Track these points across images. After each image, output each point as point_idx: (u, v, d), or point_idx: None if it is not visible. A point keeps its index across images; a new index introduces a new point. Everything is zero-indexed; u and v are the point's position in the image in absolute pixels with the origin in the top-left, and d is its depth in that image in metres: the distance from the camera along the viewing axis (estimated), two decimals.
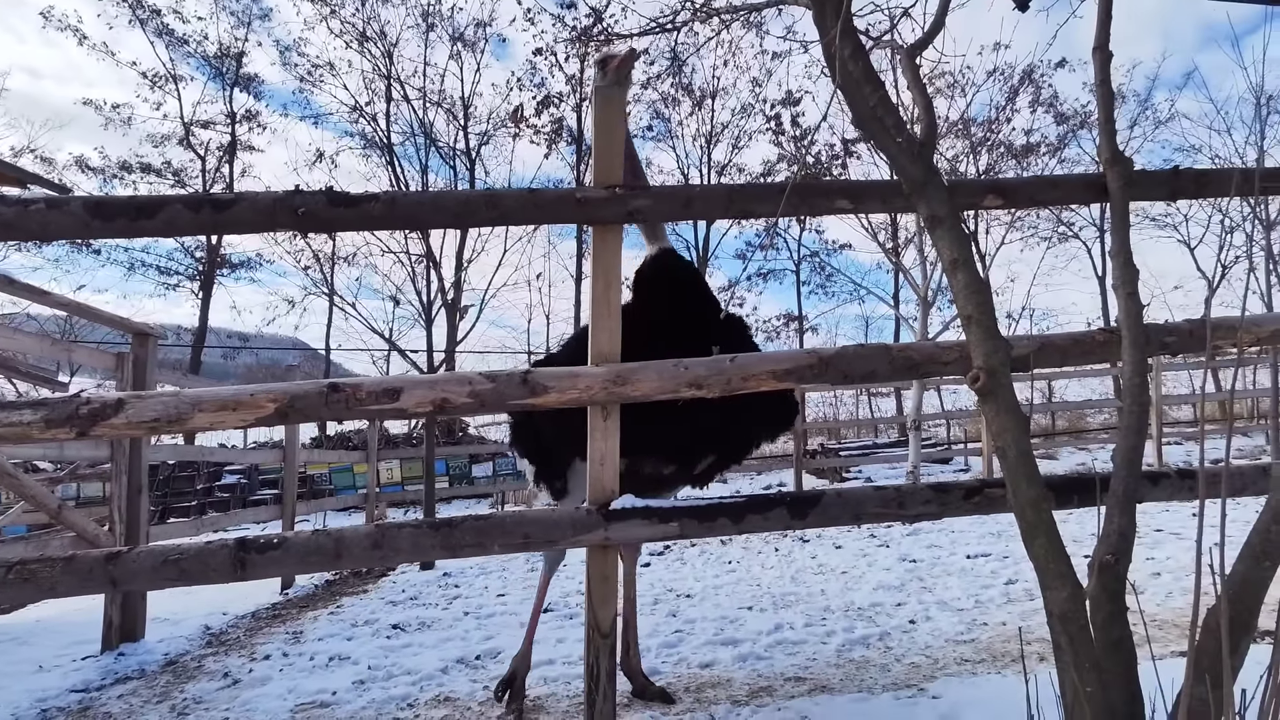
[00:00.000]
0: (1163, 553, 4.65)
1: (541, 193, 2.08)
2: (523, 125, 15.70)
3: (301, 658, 3.62)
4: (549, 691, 2.91)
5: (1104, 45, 2.17)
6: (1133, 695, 1.63)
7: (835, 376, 2.09)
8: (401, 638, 3.88)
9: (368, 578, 6.48)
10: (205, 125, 18.40)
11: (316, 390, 1.95)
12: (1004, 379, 1.60)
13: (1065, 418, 15.87)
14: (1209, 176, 2.28)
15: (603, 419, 2.08)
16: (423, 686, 3.03)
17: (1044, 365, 2.26)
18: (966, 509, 2.14)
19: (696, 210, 2.10)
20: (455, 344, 15.07)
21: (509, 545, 1.99)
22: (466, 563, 6.58)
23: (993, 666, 2.84)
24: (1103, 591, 1.64)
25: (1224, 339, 2.26)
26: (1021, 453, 1.60)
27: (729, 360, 2.06)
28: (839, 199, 2.14)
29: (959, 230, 1.63)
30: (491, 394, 1.99)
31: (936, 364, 2.11)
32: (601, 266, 2.13)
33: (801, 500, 2.08)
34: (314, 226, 2.00)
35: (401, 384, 1.98)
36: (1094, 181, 2.22)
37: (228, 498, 11.44)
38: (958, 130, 13.16)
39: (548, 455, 2.68)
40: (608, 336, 2.11)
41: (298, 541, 1.92)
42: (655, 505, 2.04)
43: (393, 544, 1.93)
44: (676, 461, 2.56)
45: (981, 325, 1.61)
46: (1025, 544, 1.61)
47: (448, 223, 2.02)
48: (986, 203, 2.21)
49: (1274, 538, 1.49)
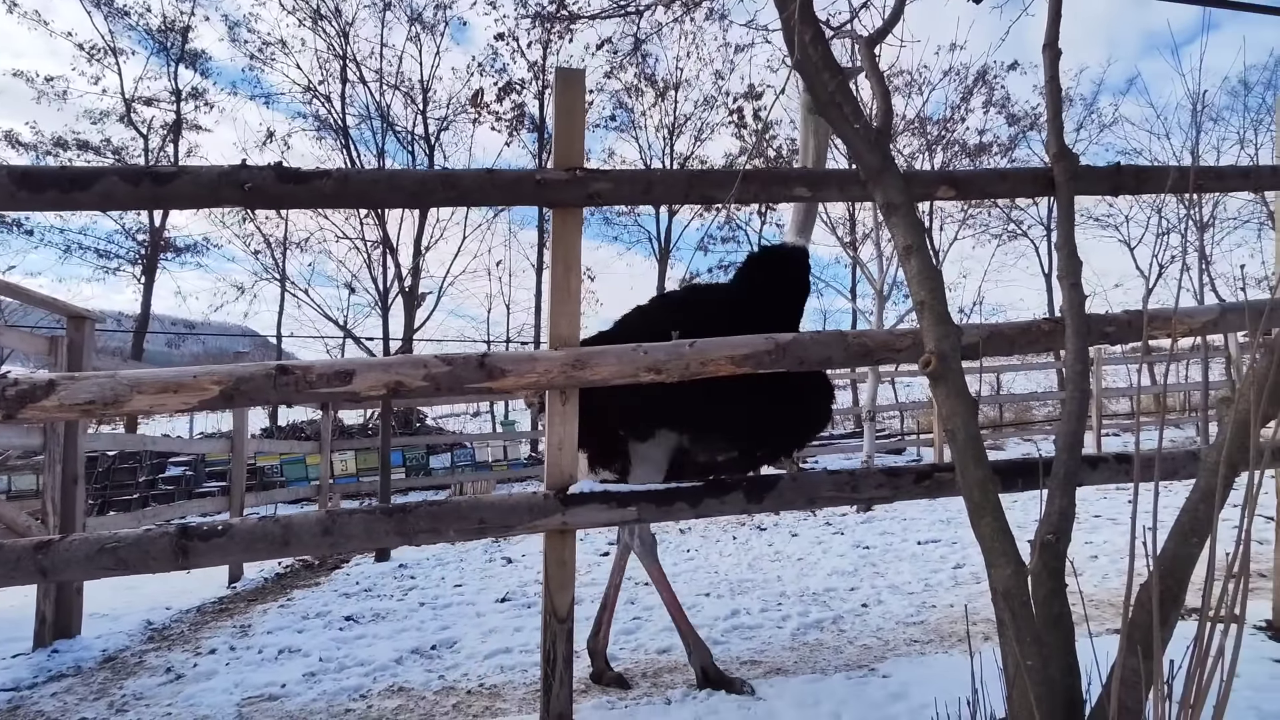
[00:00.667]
0: (1100, 537, 4.85)
1: (500, 173, 2.05)
2: (483, 111, 15.45)
3: (249, 651, 3.52)
4: (506, 679, 2.89)
5: (1053, 43, 2.23)
6: (1070, 667, 1.70)
7: (792, 362, 2.11)
8: (355, 629, 3.81)
9: (320, 570, 6.34)
10: (148, 102, 17.59)
11: (264, 372, 1.89)
12: (954, 363, 1.64)
13: (1012, 410, 16.42)
14: (1148, 173, 2.37)
15: (561, 403, 2.06)
16: (376, 677, 2.98)
17: (993, 353, 2.33)
18: (917, 492, 2.19)
19: (657, 195, 2.10)
20: (413, 332, 14.81)
21: (465, 531, 1.96)
22: (423, 553, 6.49)
23: (940, 646, 2.93)
24: (1044, 569, 1.71)
25: (1159, 329, 2.36)
26: (970, 436, 1.64)
27: (688, 345, 2.06)
28: (797, 186, 2.16)
29: (914, 217, 1.66)
30: (447, 377, 1.95)
31: (890, 351, 2.15)
32: (561, 250, 2.11)
33: (758, 484, 2.10)
34: (261, 203, 1.93)
35: (354, 366, 1.93)
36: (1041, 175, 2.29)
37: (172, 490, 11.03)
38: (914, 128, 13.44)
39: (608, 436, 2.53)
40: (567, 321, 2.09)
41: (243, 528, 1.86)
42: (614, 490, 2.04)
43: (344, 530, 1.89)
44: (737, 446, 2.54)
45: (934, 310, 1.65)
46: (972, 523, 1.66)
47: (403, 202, 1.98)
48: (940, 193, 2.26)
49: (1201, 517, 1.57)
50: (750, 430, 2.46)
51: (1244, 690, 2.11)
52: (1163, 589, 1.57)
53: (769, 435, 2.53)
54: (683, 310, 2.63)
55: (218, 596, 5.20)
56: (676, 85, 16.86)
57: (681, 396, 2.15)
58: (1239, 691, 2.12)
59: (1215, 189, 2.45)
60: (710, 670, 2.56)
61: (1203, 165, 2.44)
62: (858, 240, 14.60)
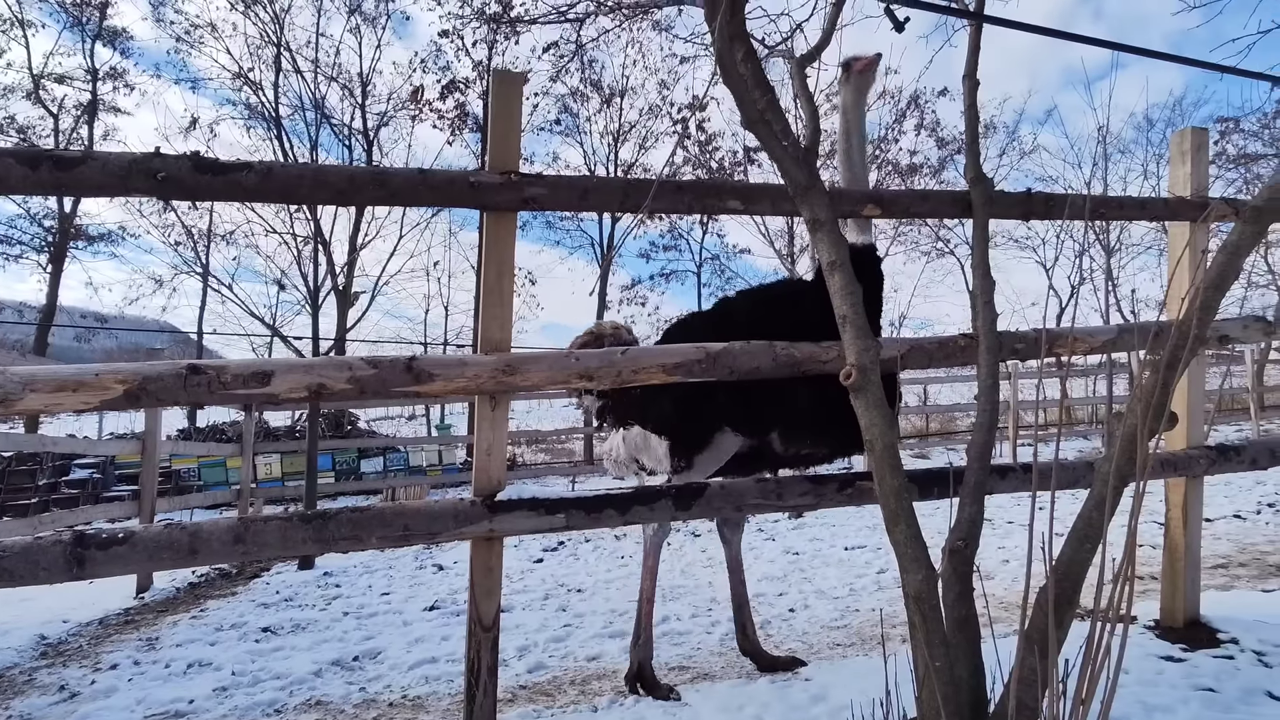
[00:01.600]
0: (1013, 542, 5.11)
1: (434, 174, 2.01)
2: (425, 108, 15.12)
3: (155, 666, 3.33)
4: (431, 690, 2.82)
5: (972, 74, 2.36)
6: (976, 668, 1.78)
7: (722, 371, 2.15)
8: (272, 641, 3.65)
9: (238, 579, 6.05)
10: (60, 80, 16.47)
11: (174, 372, 1.79)
12: (873, 376, 1.71)
13: (938, 420, 17.10)
14: (1056, 200, 2.52)
15: (490, 409, 2.04)
16: (292, 691, 2.86)
17: (914, 366, 2.43)
18: (840, 500, 2.26)
19: (592, 202, 2.10)
20: (345, 331, 14.33)
21: (388, 539, 1.91)
22: (350, 560, 6.27)
23: (861, 649, 3.03)
24: (953, 573, 1.79)
25: (1062, 347, 2.52)
26: (887, 446, 1.71)
27: (620, 353, 2.08)
28: (730, 199, 2.20)
29: (838, 234, 1.72)
30: (373, 380, 1.90)
31: (817, 363, 2.21)
32: (495, 254, 2.09)
33: (686, 492, 2.13)
34: (176, 194, 1.84)
35: (273, 367, 1.86)
36: (960, 198, 2.41)
37: (77, 494, 10.31)
38: None
39: (688, 428, 2.55)
40: (499, 326, 2.07)
41: (147, 536, 1.76)
42: (542, 496, 2.02)
43: (258, 539, 1.81)
44: (819, 446, 2.57)
45: (855, 325, 1.71)
46: (888, 530, 1.73)
47: (331, 199, 1.92)
48: (866, 211, 2.35)
49: (1094, 523, 1.67)
50: (810, 424, 2.50)
51: (1132, 686, 2.25)
52: (1058, 592, 1.66)
53: (830, 427, 2.52)
54: (766, 305, 2.64)
55: (123, 608, 4.90)
56: (622, 93, 16.92)
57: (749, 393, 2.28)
58: (1128, 688, 2.27)
59: (1116, 217, 2.63)
60: (645, 670, 2.57)
61: (1105, 195, 2.61)
62: (795, 253, 15.00)
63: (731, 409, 2.46)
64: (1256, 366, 14.67)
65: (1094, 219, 2.60)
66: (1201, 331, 1.65)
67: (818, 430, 2.50)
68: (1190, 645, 2.57)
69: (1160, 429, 1.70)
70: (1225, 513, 5.76)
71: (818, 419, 2.43)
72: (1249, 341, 2.88)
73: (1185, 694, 2.19)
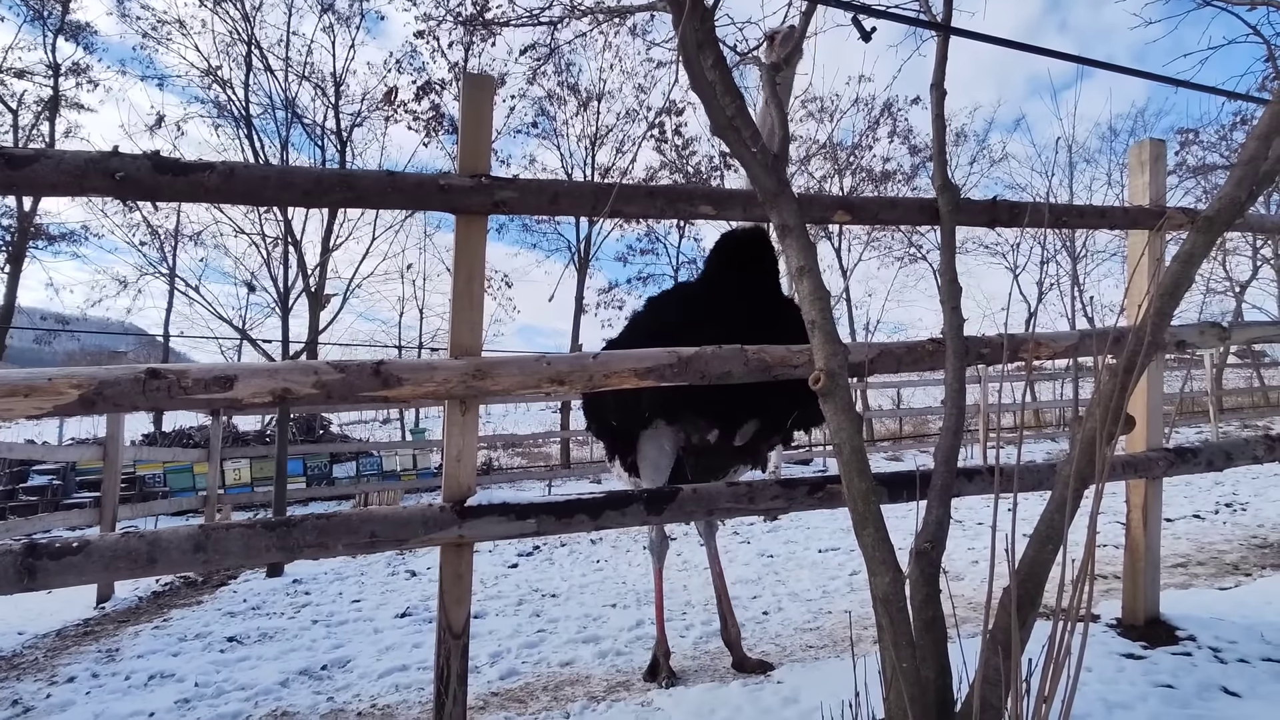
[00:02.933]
0: (982, 543, 5.19)
1: (402, 176, 1.99)
2: (399, 109, 14.96)
3: (115, 678, 3.23)
4: (401, 699, 2.78)
5: (939, 84, 2.40)
6: (943, 668, 1.80)
7: (694, 375, 2.15)
8: (238, 650, 3.57)
9: (204, 587, 5.91)
10: (20, 75, 16.00)
11: (131, 376, 1.75)
12: (841, 380, 1.72)
13: (911, 423, 17.34)
14: (1020, 208, 2.57)
15: (461, 413, 2.02)
16: (258, 702, 2.80)
17: (882, 370, 2.45)
18: (810, 503, 2.28)
19: (563, 206, 2.10)
20: (317, 334, 14.10)
21: (354, 545, 1.88)
22: (320, 567, 6.17)
23: (833, 651, 3.05)
24: (920, 575, 1.81)
25: (1026, 352, 2.57)
26: (854, 449, 1.73)
27: (591, 357, 2.07)
28: (702, 204, 2.21)
29: (806, 239, 1.74)
30: (340, 385, 1.87)
31: (788, 367, 2.23)
32: (465, 258, 2.07)
33: (658, 497, 2.13)
34: (135, 194, 1.79)
35: (236, 371, 1.83)
36: (927, 205, 2.44)
37: (36, 501, 10.02)
38: (825, 152, 14.05)
39: (617, 429, 2.85)
40: (469, 330, 2.05)
41: (103, 545, 1.71)
42: (512, 502, 2.01)
43: (220, 546, 1.77)
44: (718, 426, 2.78)
45: (823, 330, 1.72)
46: (856, 533, 1.74)
47: (296, 201, 1.89)
48: (836, 217, 2.37)
49: (1055, 524, 1.71)
50: (726, 414, 2.73)
51: (1094, 684, 2.30)
52: (1021, 593, 1.69)
53: (746, 417, 2.76)
54: (661, 310, 2.85)
55: (83, 619, 4.76)
56: (599, 96, 16.93)
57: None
58: (1090, 685, 2.32)
59: (1077, 225, 2.69)
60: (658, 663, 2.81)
61: (1067, 204, 2.68)
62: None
63: (654, 402, 2.60)
64: (1215, 371, 15.11)
65: (1056, 227, 2.66)
66: (1157, 337, 1.69)
67: (707, 414, 2.72)
68: (1150, 643, 2.63)
69: (1119, 432, 1.74)
70: (1185, 513, 5.91)
71: (700, 401, 2.60)
72: (1205, 347, 2.97)
73: (1144, 690, 2.25)
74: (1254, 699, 2.17)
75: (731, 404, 2.63)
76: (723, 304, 2.60)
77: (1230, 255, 19.07)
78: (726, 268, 2.69)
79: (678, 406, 2.64)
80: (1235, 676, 2.33)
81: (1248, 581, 3.60)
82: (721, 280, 2.68)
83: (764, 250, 2.69)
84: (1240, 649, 2.53)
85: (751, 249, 2.67)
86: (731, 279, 2.65)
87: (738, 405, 2.66)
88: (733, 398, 2.53)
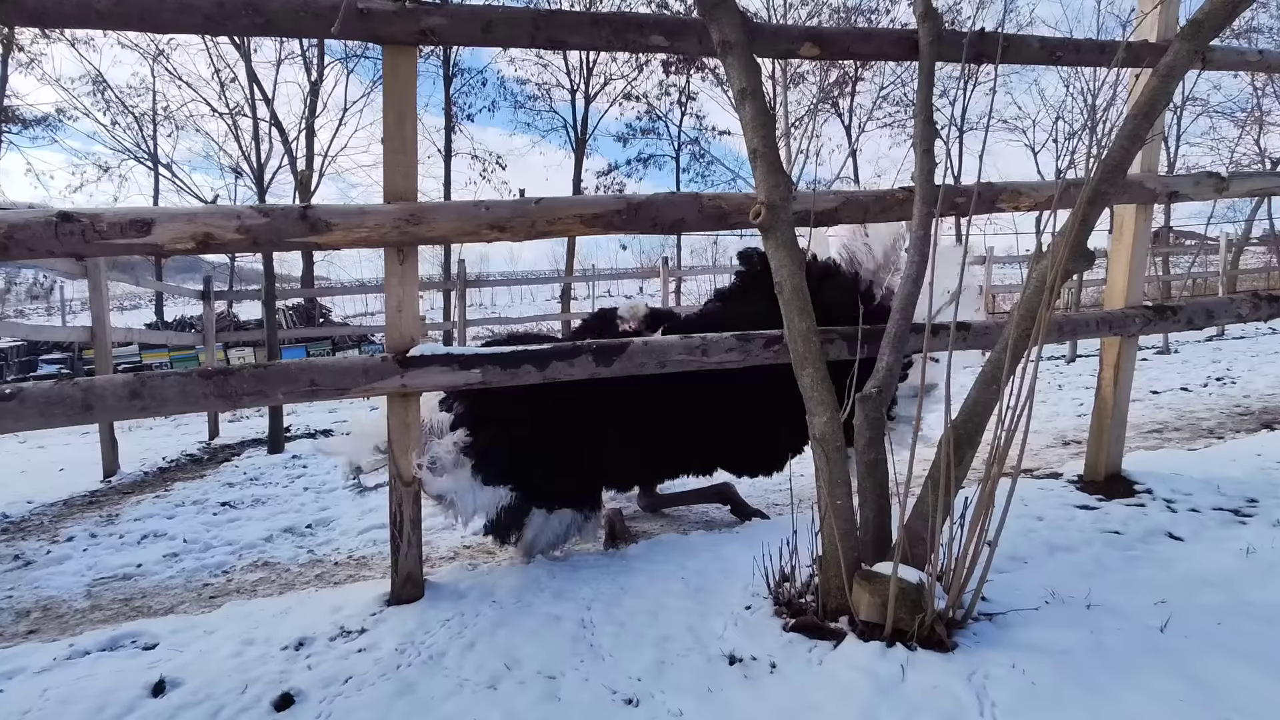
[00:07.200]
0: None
1: (316, 0, 1.81)
2: None
3: (111, 537, 3.38)
4: (377, 551, 2.90)
5: None
6: (882, 509, 1.82)
7: (644, 224, 2.06)
8: (229, 513, 3.72)
9: (208, 463, 6.12)
10: None
11: (43, 220, 1.67)
12: (784, 214, 1.62)
13: None
14: (1010, 41, 2.35)
15: (399, 261, 1.95)
16: (241, 554, 2.93)
17: (849, 219, 2.34)
18: (767, 356, 2.23)
19: (498, 35, 1.92)
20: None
21: (294, 394, 1.87)
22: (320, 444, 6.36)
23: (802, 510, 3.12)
24: (865, 419, 1.79)
25: (1006, 200, 2.43)
26: (795, 288, 1.66)
27: (534, 202, 1.97)
28: (654, 34, 2.02)
29: (749, 58, 1.58)
30: (265, 230, 1.79)
31: (745, 214, 2.12)
32: (394, 95, 1.92)
33: (607, 350, 2.09)
34: (19, 18, 1.64)
35: (153, 215, 1.74)
36: (905, 37, 2.24)
37: None
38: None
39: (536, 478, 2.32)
40: (403, 173, 1.94)
41: (36, 392, 1.71)
42: (456, 352, 1.98)
43: (155, 394, 1.76)
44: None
45: (766, 160, 1.61)
46: (795, 373, 1.71)
47: (197, 27, 1.72)
48: (803, 51, 2.17)
49: (999, 365, 1.66)
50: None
51: (1043, 531, 2.35)
52: (959, 433, 1.67)
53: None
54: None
55: (89, 490, 4.94)
56: None
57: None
58: (1038, 532, 2.36)
59: (1073, 62, 2.47)
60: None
61: (1062, 38, 2.45)
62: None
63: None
64: (1234, 252, 14.71)
65: (1050, 63, 2.44)
66: (1125, 161, 1.56)
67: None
68: (1107, 496, 2.67)
69: (1075, 268, 1.66)
70: (1174, 385, 5.91)
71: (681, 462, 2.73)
72: (1200, 199, 2.81)
73: (1090, 536, 2.29)
74: (1195, 542, 2.22)
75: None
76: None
77: (1265, 131, 18.12)
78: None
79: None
80: (1183, 524, 2.37)
81: (1219, 444, 3.62)
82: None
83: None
84: (1194, 500, 2.56)
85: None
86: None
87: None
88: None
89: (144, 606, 2.44)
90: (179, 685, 1.65)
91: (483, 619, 1.91)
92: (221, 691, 1.62)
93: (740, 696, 1.50)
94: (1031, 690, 1.42)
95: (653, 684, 1.57)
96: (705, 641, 1.73)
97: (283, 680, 1.65)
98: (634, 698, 1.52)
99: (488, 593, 2.08)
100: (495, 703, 1.52)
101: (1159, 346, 8.96)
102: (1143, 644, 1.58)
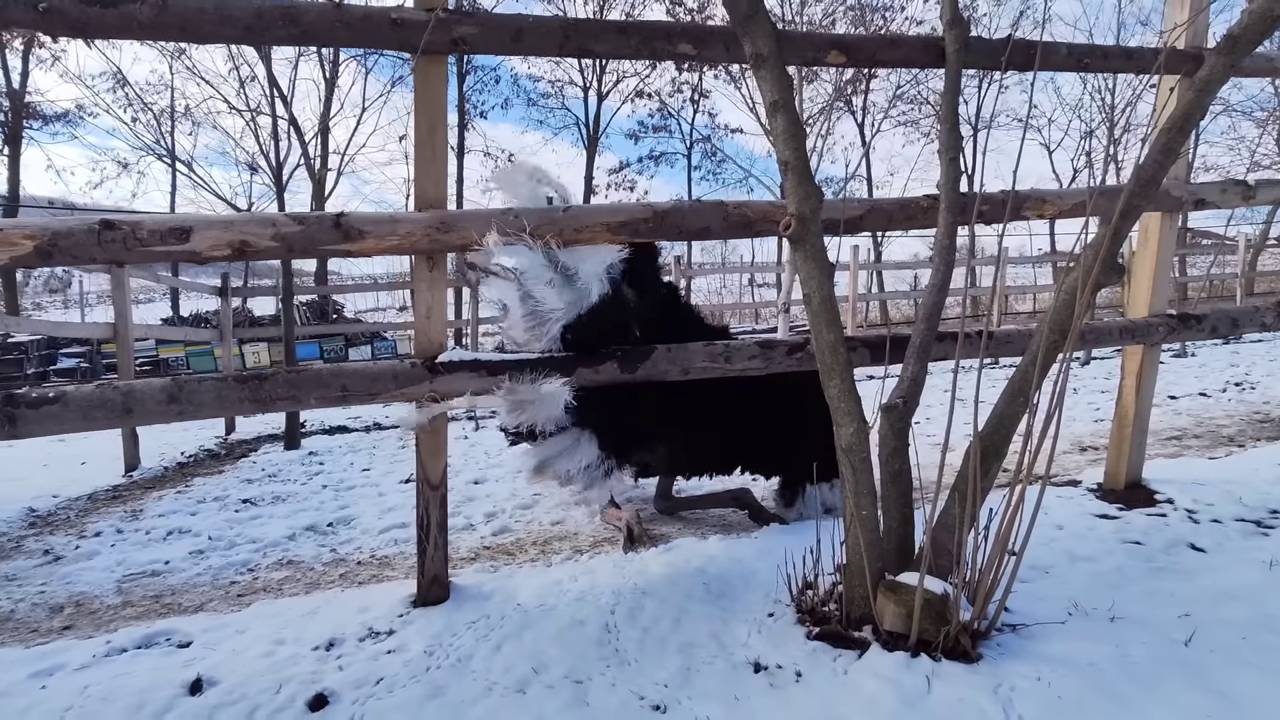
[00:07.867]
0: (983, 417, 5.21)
1: (350, 9, 1.83)
2: None
3: (137, 533, 3.44)
4: (398, 551, 2.94)
5: None
6: (905, 518, 1.83)
7: (670, 232, 2.07)
8: (251, 510, 3.77)
9: (226, 459, 6.19)
10: None
11: (86, 228, 1.71)
12: (814, 226, 1.63)
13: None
14: (1037, 48, 2.34)
15: (428, 269, 1.97)
16: (266, 553, 2.97)
17: (873, 227, 2.35)
18: (789, 364, 2.25)
19: (528, 44, 1.93)
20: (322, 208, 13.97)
21: (326, 399, 1.90)
22: (335, 441, 6.42)
23: None
24: (889, 429, 1.80)
25: (1031, 209, 2.43)
26: (824, 299, 1.67)
27: (561, 210, 1.99)
28: (681, 42, 2.03)
29: (782, 70, 1.59)
30: (300, 237, 1.82)
31: (769, 223, 2.13)
32: (426, 104, 1.95)
33: (632, 355, 2.11)
34: (62, 28, 1.67)
35: (192, 223, 1.78)
36: (932, 44, 2.24)
37: (65, 384, 10.42)
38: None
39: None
40: (433, 182, 1.97)
41: (79, 395, 1.74)
42: (484, 359, 2.00)
43: (193, 398, 1.80)
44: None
45: (797, 171, 1.62)
46: (823, 384, 1.72)
47: (236, 37, 1.75)
48: (830, 59, 2.18)
49: (1027, 377, 1.66)
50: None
51: (1064, 540, 2.35)
52: (986, 445, 1.68)
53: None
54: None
55: (112, 485, 5.02)
56: None
57: None
58: (1059, 541, 2.37)
59: (1100, 68, 2.46)
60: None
61: (1089, 44, 2.44)
62: None
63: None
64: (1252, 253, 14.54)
65: (1076, 70, 2.43)
66: (1159, 175, 1.56)
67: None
68: (1128, 505, 2.66)
69: (1107, 281, 1.66)
70: (1192, 391, 5.87)
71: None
72: (1227, 206, 2.80)
73: (1112, 546, 2.29)
74: (1218, 554, 2.21)
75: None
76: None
77: None
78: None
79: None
80: (1205, 535, 2.36)
81: (1239, 453, 3.59)
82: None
83: None
84: (1216, 510, 2.55)
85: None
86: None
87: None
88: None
89: (174, 604, 2.48)
90: (215, 684, 1.69)
91: (508, 622, 1.94)
92: (256, 691, 1.65)
93: (766, 705, 1.52)
94: (1058, 704, 1.43)
95: (679, 691, 1.59)
96: (730, 648, 1.75)
97: (315, 680, 1.68)
98: (661, 704, 1.55)
99: (511, 595, 2.11)
100: (525, 708, 1.55)
101: (1176, 350, 8.89)
102: (1167, 657, 1.59)
